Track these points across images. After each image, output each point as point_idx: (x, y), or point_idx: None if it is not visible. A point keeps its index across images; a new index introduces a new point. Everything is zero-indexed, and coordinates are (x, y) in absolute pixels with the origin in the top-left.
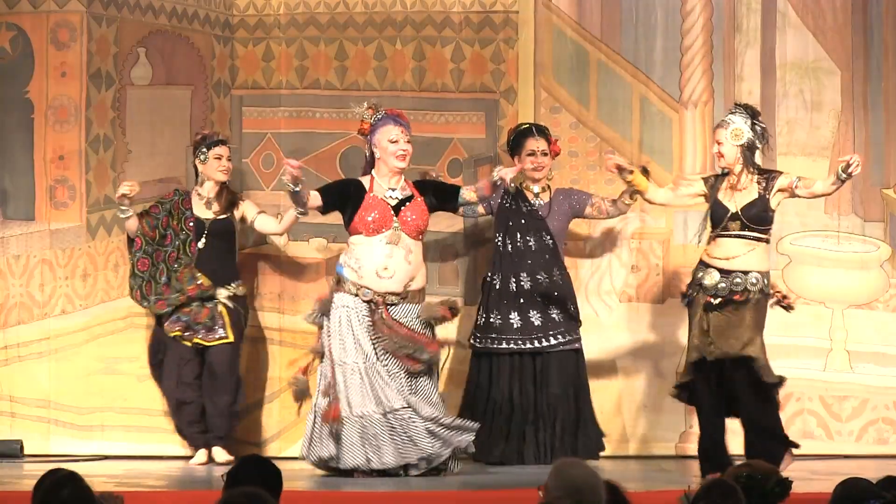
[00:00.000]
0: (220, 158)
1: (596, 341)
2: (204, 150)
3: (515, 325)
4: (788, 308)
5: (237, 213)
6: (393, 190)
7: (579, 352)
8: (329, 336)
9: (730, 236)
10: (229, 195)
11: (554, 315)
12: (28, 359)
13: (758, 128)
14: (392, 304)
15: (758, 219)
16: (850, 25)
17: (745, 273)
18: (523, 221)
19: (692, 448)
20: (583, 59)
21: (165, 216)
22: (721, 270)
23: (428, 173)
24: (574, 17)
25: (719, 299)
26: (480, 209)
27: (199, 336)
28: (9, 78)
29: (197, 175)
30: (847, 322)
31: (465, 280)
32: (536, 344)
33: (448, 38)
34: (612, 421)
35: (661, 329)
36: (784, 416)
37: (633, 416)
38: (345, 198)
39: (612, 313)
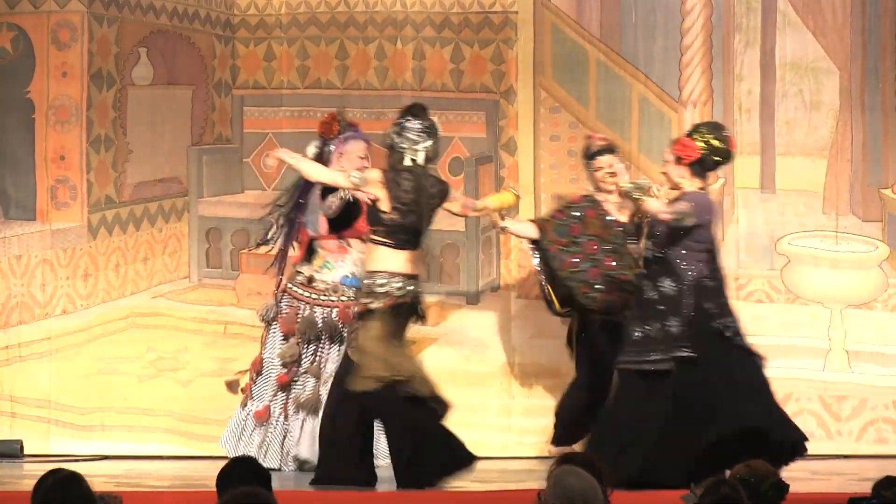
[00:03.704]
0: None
1: None
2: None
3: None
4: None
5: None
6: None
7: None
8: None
9: None
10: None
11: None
12: (29, 359)
13: (395, 127)
14: None
15: None
16: (849, 26)
17: None
18: None
19: None
20: (582, 59)
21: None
22: None
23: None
24: (573, 16)
25: None
26: None
27: None
28: (10, 78)
29: None
30: (846, 322)
31: (466, 280)
32: None
33: (447, 38)
34: None
35: None
36: None
37: None
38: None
39: None
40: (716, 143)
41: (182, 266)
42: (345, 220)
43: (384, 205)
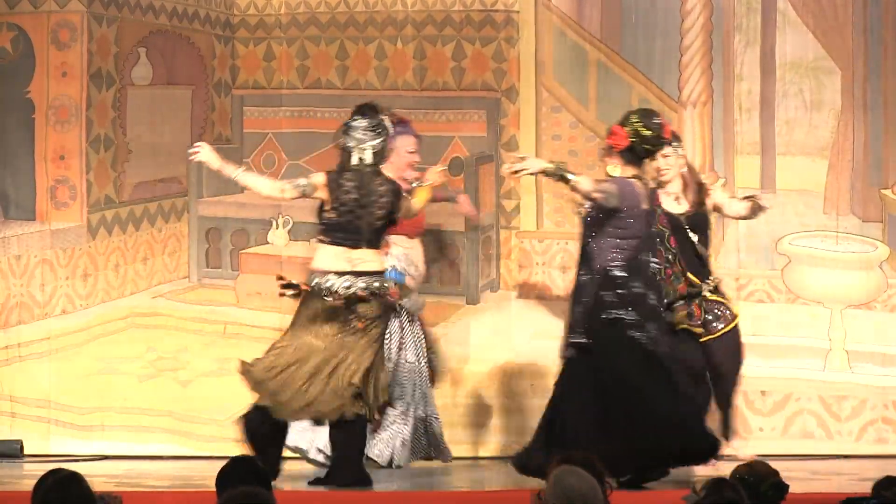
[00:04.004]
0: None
1: None
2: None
3: None
4: None
5: (709, 203)
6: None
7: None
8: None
9: None
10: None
11: None
12: (28, 359)
13: (343, 126)
14: None
15: None
16: (851, 25)
17: None
18: None
19: None
20: (583, 59)
21: None
22: None
23: None
24: (574, 16)
25: None
26: None
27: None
28: (9, 78)
29: None
30: (846, 322)
31: (466, 279)
32: None
33: (449, 36)
34: None
35: None
36: (784, 415)
37: None
38: None
39: None
40: (644, 131)
41: (182, 266)
42: None
43: (327, 205)
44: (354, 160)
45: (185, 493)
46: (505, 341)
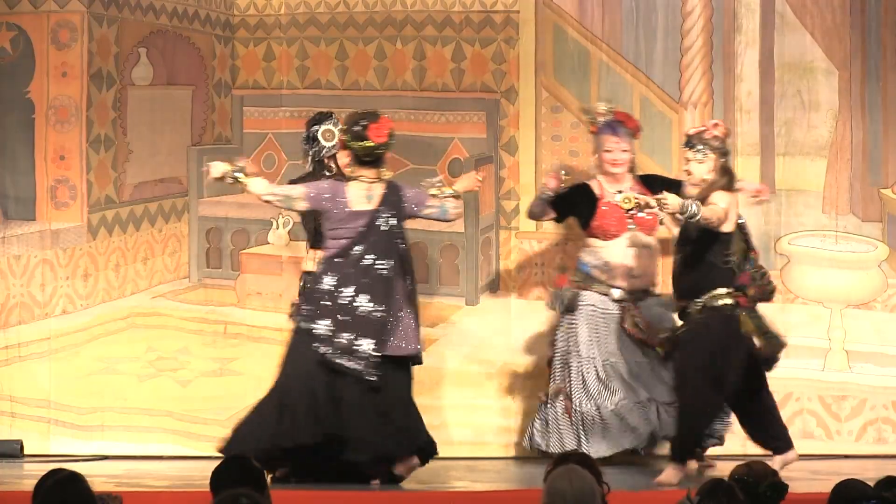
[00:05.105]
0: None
1: None
2: None
3: None
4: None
5: None
6: (620, 192)
7: None
8: (567, 331)
9: None
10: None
11: None
12: (28, 359)
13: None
14: (640, 301)
15: None
16: (848, 26)
17: None
18: None
19: None
20: (584, 59)
21: None
22: None
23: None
24: (575, 16)
25: None
26: None
27: None
28: (9, 78)
29: None
30: (845, 322)
31: (465, 281)
32: None
33: (449, 37)
34: None
35: None
36: (783, 415)
37: None
38: (573, 204)
39: None
40: (344, 136)
41: (182, 266)
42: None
43: None
44: (307, 168)
45: (185, 493)
46: (505, 341)
